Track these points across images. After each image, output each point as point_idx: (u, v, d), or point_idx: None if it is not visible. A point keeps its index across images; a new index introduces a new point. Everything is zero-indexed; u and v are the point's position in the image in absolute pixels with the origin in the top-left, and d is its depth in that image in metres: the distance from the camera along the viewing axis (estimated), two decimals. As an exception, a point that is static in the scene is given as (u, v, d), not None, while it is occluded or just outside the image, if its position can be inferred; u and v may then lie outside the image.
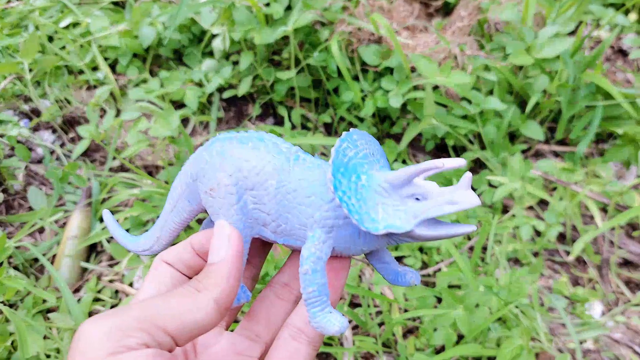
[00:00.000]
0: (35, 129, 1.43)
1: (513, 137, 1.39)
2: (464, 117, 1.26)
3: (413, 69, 1.31)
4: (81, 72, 1.54)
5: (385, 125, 1.40)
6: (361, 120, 1.40)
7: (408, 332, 1.07)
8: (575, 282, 1.18)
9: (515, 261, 1.19)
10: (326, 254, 0.46)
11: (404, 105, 1.36)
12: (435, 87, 1.29)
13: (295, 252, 0.55)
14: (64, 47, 1.54)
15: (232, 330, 0.54)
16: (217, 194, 0.48)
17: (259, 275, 0.56)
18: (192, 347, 0.51)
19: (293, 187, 0.47)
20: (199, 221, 1.20)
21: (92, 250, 1.21)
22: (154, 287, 0.46)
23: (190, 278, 0.48)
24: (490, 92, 1.31)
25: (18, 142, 1.32)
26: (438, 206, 0.43)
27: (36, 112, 1.46)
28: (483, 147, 1.33)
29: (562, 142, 1.41)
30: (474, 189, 1.28)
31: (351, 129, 0.48)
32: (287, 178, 0.47)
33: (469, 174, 0.44)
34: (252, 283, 0.55)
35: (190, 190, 0.52)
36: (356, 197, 0.44)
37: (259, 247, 0.56)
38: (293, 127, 1.42)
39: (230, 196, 0.47)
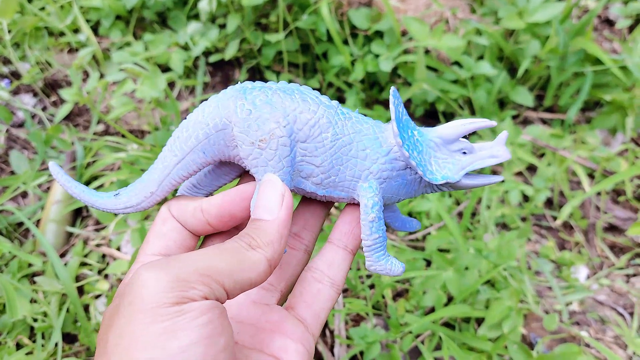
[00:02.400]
0: (16, 92, 1.39)
1: (502, 104, 1.39)
2: (455, 81, 1.26)
3: (403, 33, 1.29)
4: (62, 34, 1.49)
5: (374, 91, 1.39)
6: (350, 85, 1.38)
7: (397, 295, 1.08)
8: (562, 246, 1.19)
9: (504, 226, 1.20)
10: (382, 203, 0.50)
11: (394, 71, 1.35)
12: (427, 52, 1.28)
13: (304, 204, 0.56)
14: (43, 8, 1.49)
15: None
16: (268, 146, 0.47)
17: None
18: None
19: (348, 141, 0.49)
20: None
21: (78, 215, 1.19)
22: (162, 243, 0.46)
23: (197, 237, 0.48)
24: (481, 58, 1.30)
25: (-2, 104, 1.28)
26: (482, 159, 0.49)
27: (16, 75, 1.42)
28: (473, 113, 1.33)
29: (549, 110, 1.42)
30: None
31: (392, 87, 0.50)
32: (342, 131, 0.49)
33: (505, 132, 0.50)
34: None
35: (209, 141, 0.50)
36: (417, 151, 0.48)
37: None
38: (281, 92, 1.40)
39: (284, 148, 0.47)
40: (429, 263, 1.09)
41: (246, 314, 0.49)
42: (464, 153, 0.49)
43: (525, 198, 1.24)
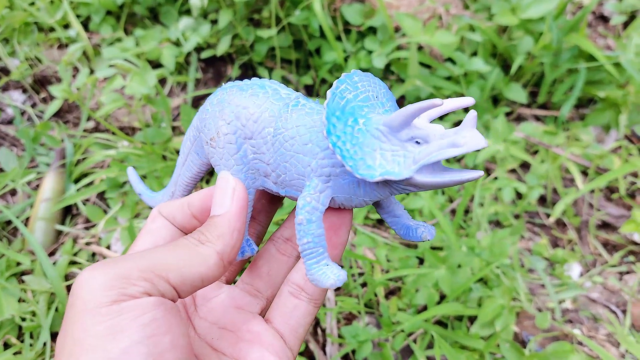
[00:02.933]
0: (5, 89, 1.38)
1: (496, 100, 1.38)
2: (448, 78, 1.25)
3: (396, 29, 1.28)
4: (52, 29, 1.47)
5: (368, 88, 1.38)
6: (343, 82, 1.37)
7: (390, 293, 1.07)
8: (555, 244, 1.19)
9: (497, 223, 1.19)
10: (323, 204, 0.44)
11: (387, 67, 1.34)
12: (420, 48, 1.27)
13: None
14: (33, 3, 1.47)
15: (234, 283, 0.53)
16: (217, 144, 0.46)
17: (264, 233, 0.55)
18: (191, 300, 0.50)
19: (290, 135, 0.44)
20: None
21: (67, 213, 1.18)
22: (150, 239, 0.45)
23: (186, 234, 0.47)
24: (474, 54, 1.30)
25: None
26: (440, 150, 0.39)
27: (5, 71, 1.40)
28: (466, 110, 1.32)
29: (543, 107, 1.41)
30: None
31: (353, 70, 0.44)
32: (284, 125, 0.44)
33: (473, 112, 0.39)
34: (257, 241, 0.54)
35: (197, 143, 0.51)
36: (351, 142, 0.41)
37: (266, 204, 0.54)
38: (273, 88, 1.39)
39: (230, 145, 0.46)
40: (421, 261, 1.09)
41: (229, 320, 0.48)
42: (417, 143, 0.41)
43: (519, 195, 1.24)
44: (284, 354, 0.46)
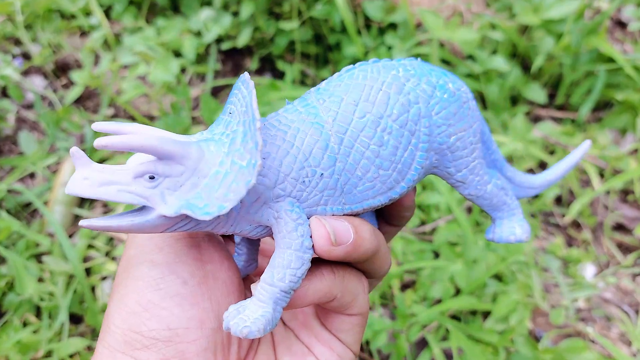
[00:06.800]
0: (26, 74, 1.39)
1: (514, 100, 1.39)
2: (468, 75, 1.26)
3: (417, 26, 1.29)
4: (73, 16, 1.49)
5: (385, 84, 1.39)
6: (361, 77, 1.38)
7: (404, 286, 1.08)
8: (569, 243, 1.19)
9: (511, 221, 1.20)
10: None
11: (406, 63, 1.34)
12: (440, 45, 1.28)
13: None
14: (56, -10, 1.49)
15: None
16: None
17: None
18: None
19: None
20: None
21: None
22: None
23: None
24: (494, 53, 1.30)
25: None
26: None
27: (27, 57, 1.42)
28: (485, 108, 1.33)
29: (560, 108, 1.42)
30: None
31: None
32: None
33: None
34: None
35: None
36: None
37: None
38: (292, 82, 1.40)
39: None
40: (436, 255, 1.09)
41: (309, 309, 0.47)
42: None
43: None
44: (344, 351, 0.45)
